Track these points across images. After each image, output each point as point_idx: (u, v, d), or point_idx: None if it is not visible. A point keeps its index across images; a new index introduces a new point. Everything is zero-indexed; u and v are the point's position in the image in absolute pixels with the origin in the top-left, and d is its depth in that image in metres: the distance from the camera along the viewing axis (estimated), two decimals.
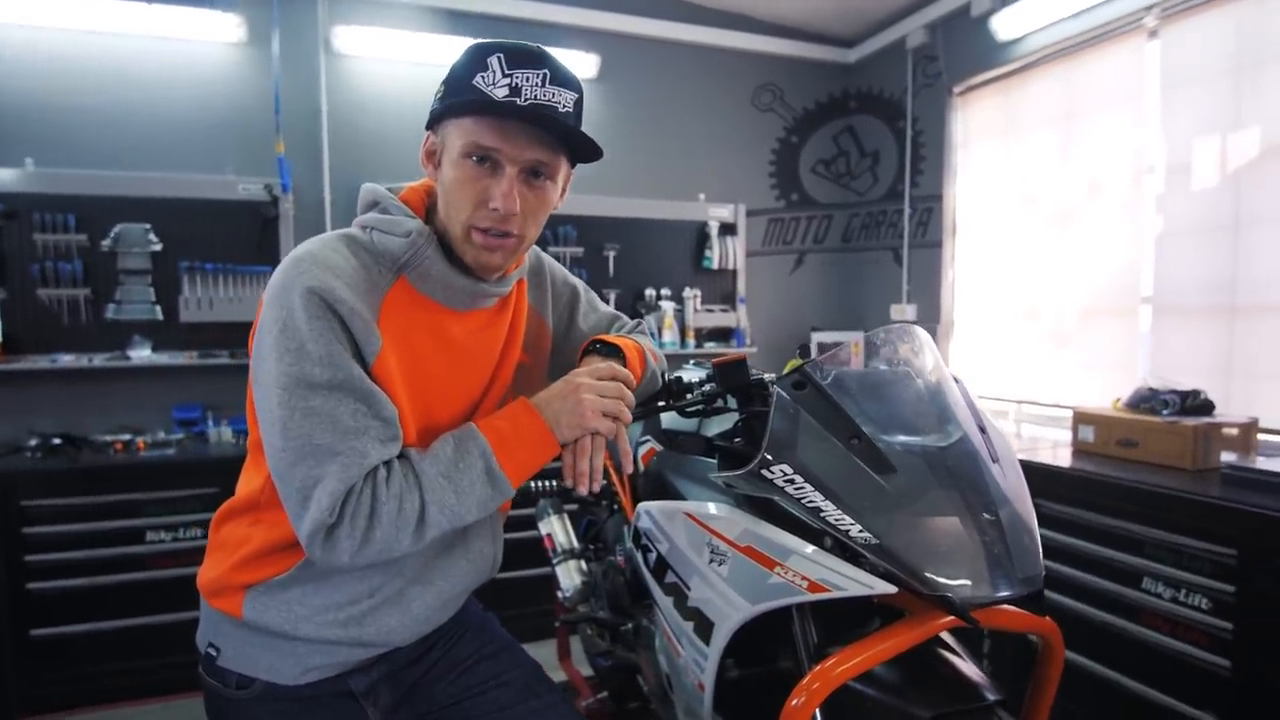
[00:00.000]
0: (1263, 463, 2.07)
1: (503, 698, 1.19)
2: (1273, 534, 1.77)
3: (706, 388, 1.22)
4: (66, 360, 2.91)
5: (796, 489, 0.99)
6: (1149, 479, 2.11)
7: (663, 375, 1.32)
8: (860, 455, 0.99)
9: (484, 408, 1.12)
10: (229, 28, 3.12)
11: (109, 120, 3.05)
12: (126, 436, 2.92)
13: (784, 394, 1.04)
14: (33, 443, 2.79)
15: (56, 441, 2.81)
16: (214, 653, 1.08)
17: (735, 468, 1.08)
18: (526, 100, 0.94)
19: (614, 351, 1.16)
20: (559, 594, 2.04)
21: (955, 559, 0.93)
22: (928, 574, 0.92)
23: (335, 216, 3.35)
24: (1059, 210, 3.15)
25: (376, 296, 0.98)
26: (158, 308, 3.05)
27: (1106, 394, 2.67)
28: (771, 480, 1.00)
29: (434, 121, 1.02)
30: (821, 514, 0.97)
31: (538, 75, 0.95)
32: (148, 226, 3.03)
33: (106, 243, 2.97)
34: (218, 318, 3.11)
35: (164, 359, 3.04)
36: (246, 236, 3.17)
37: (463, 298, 1.05)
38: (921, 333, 1.15)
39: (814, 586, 0.99)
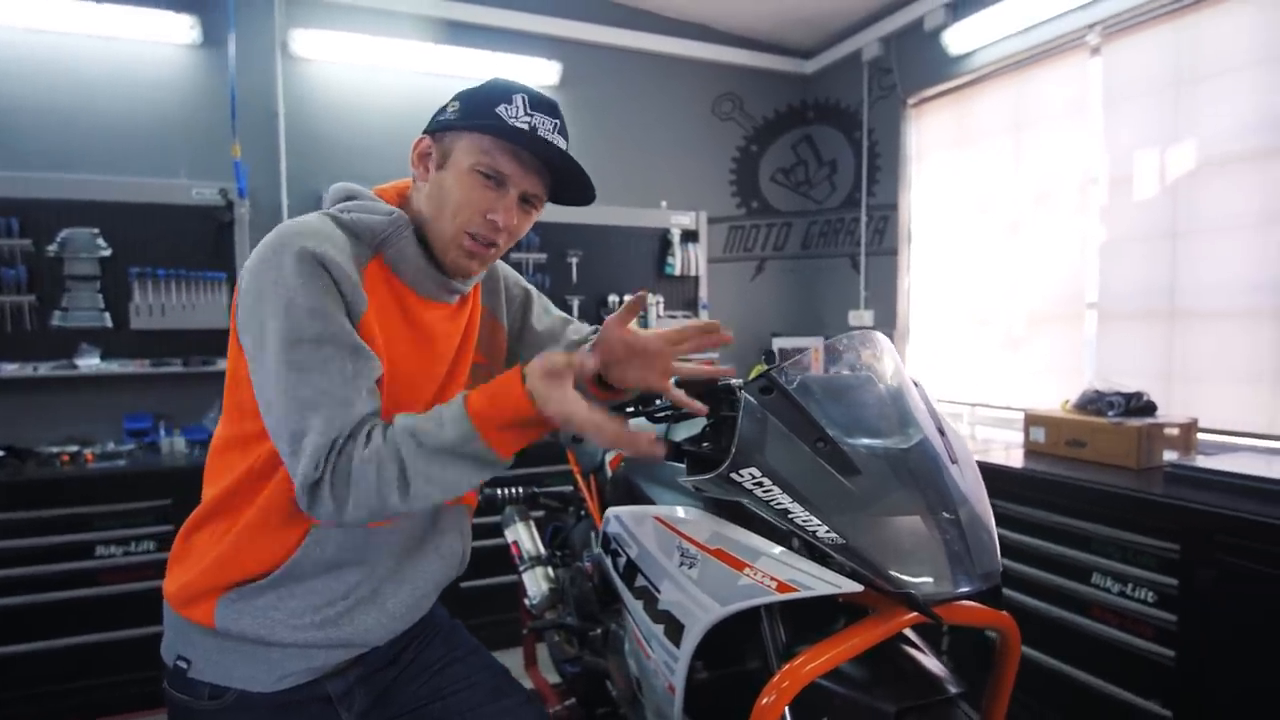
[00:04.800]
0: (1202, 461, 2.17)
1: (472, 698, 1.21)
2: (1213, 528, 1.86)
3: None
4: (10, 369, 2.81)
5: (765, 491, 1.01)
6: (1097, 478, 2.19)
7: None
8: (826, 458, 1.02)
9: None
10: (182, 29, 3.05)
11: (56, 122, 2.96)
12: (74, 448, 2.82)
13: (751, 399, 1.06)
14: None
15: (0, 454, 2.71)
16: (184, 665, 1.07)
17: (704, 472, 1.10)
18: (541, 136, 1.05)
19: None
20: (526, 601, 2.04)
21: (918, 557, 0.96)
22: (892, 572, 0.95)
23: None
24: (1009, 219, 3.26)
25: (359, 267, 1.03)
26: (107, 314, 2.97)
27: (1056, 396, 2.77)
28: (740, 483, 1.02)
29: (440, 129, 1.07)
30: (789, 515, 0.99)
31: (551, 123, 1.06)
32: (96, 231, 2.94)
33: (52, 248, 2.87)
34: (170, 324, 3.03)
35: (113, 367, 2.95)
36: (200, 242, 3.10)
37: (430, 286, 1.10)
38: (883, 338, 1.18)
39: (783, 587, 1.02)
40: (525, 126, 1.03)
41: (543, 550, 2.11)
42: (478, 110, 1.04)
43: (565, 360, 0.95)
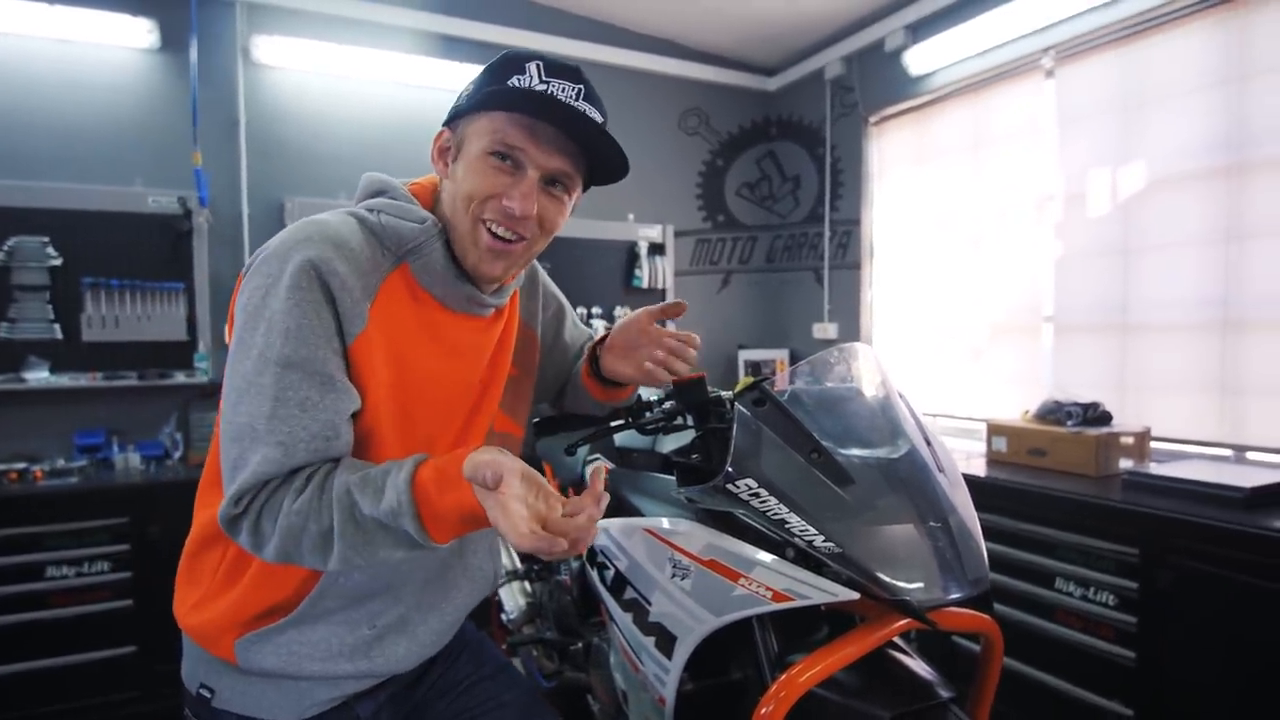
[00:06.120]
0: (1156, 468, 2.26)
1: (503, 719, 1.17)
2: (1169, 533, 1.93)
3: (666, 405, 1.24)
4: None
5: (761, 502, 1.02)
6: (1058, 485, 2.26)
7: None
8: (820, 468, 1.03)
9: (477, 422, 1.09)
10: (140, 33, 2.96)
11: (4, 126, 2.85)
12: (22, 465, 2.69)
13: (746, 411, 1.08)
14: None
15: None
16: (207, 694, 1.02)
17: (695, 483, 1.11)
18: (563, 103, 0.93)
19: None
20: (503, 616, 2.02)
21: (911, 564, 0.99)
22: (887, 579, 0.97)
23: (253, 231, 3.22)
24: (969, 234, 3.36)
25: (375, 278, 0.94)
26: (56, 326, 2.85)
27: (1015, 407, 2.85)
28: (737, 494, 1.04)
29: (454, 117, 0.98)
30: (786, 525, 1.01)
31: (574, 89, 0.94)
32: (46, 240, 2.83)
33: None
34: (124, 336, 2.93)
35: (64, 381, 2.83)
36: (156, 251, 3.01)
37: (459, 300, 1.02)
38: (871, 351, 1.21)
39: (778, 596, 1.03)
40: (539, 93, 0.91)
41: (519, 564, 2.10)
42: (488, 89, 0.93)
43: (493, 475, 0.76)
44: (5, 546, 2.43)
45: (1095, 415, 2.52)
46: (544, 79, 0.92)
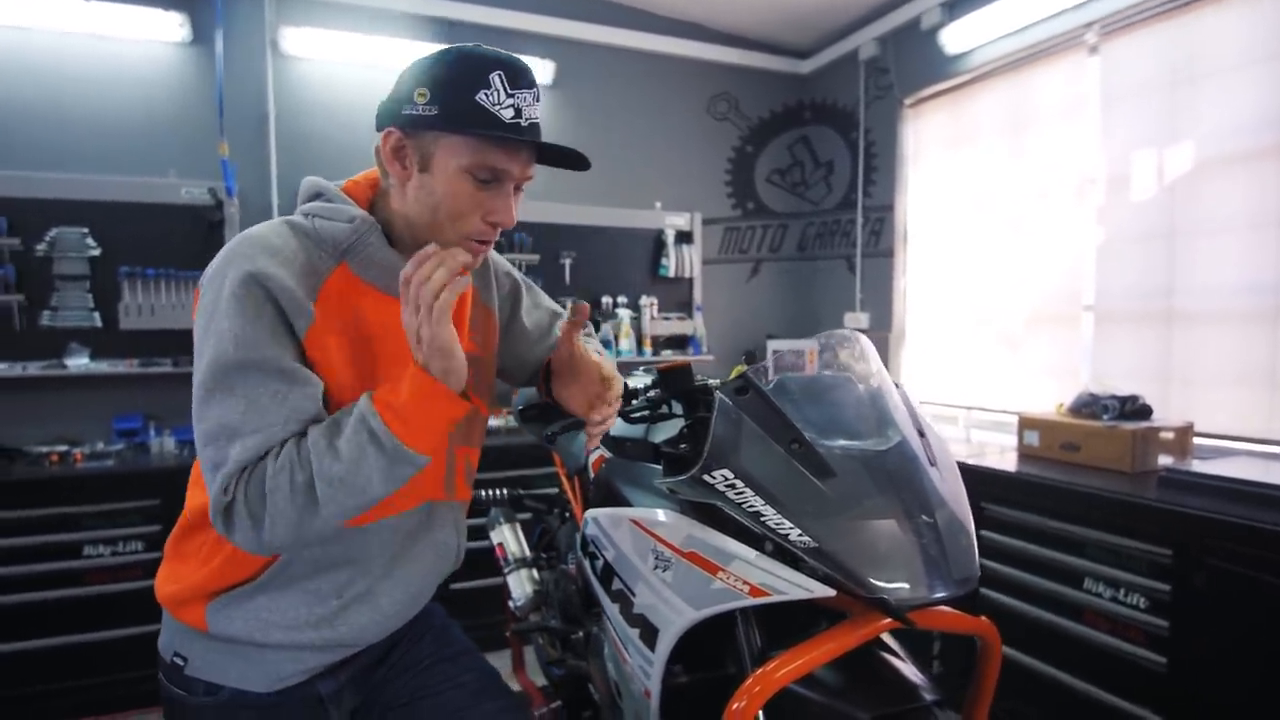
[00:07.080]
0: (1198, 465, 2.15)
1: (457, 699, 1.19)
2: (1205, 534, 1.83)
3: (651, 394, 1.21)
4: None
5: (737, 494, 0.99)
6: (1090, 482, 2.17)
7: None
8: (800, 460, 0.99)
9: None
10: (171, 27, 3.04)
11: (44, 120, 2.95)
12: (63, 447, 2.80)
13: (726, 399, 1.04)
14: None
15: None
16: (180, 662, 1.07)
17: (679, 473, 1.08)
18: (528, 121, 0.97)
19: None
20: (510, 603, 2.02)
21: (892, 561, 0.94)
22: (865, 576, 0.93)
23: None
24: (1006, 220, 3.23)
25: (316, 279, 0.98)
26: (96, 314, 2.95)
27: (1052, 399, 2.74)
28: (713, 485, 1.00)
29: (417, 126, 0.97)
30: (762, 518, 0.97)
31: (531, 94, 0.97)
32: (85, 230, 2.93)
33: (41, 247, 2.86)
34: (160, 324, 3.01)
35: (103, 367, 2.94)
36: (189, 241, 3.08)
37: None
38: (863, 339, 1.16)
39: (755, 591, 0.99)
40: (511, 113, 0.94)
41: (528, 552, 2.09)
42: (457, 105, 0.93)
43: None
44: (46, 525, 2.53)
45: (1133, 409, 2.40)
46: (510, 92, 0.95)
